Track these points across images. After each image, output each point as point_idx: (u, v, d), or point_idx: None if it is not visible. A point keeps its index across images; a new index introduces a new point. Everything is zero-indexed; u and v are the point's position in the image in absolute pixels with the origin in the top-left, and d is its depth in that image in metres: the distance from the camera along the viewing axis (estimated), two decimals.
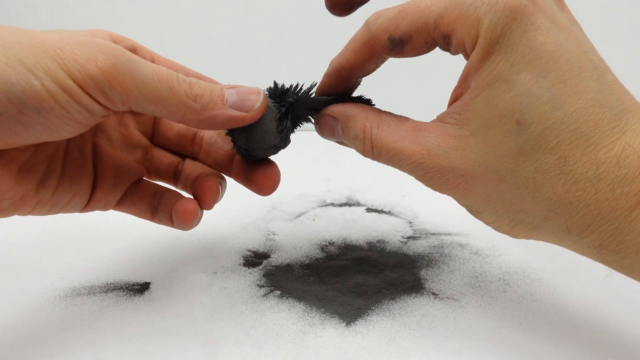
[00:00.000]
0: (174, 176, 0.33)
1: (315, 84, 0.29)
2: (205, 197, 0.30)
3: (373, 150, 0.26)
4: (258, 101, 0.26)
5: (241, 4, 0.81)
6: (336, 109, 0.27)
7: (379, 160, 0.26)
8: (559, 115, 0.21)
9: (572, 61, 0.21)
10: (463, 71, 0.24)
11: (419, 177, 0.25)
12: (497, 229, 0.25)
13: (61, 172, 0.27)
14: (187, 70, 0.31)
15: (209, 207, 0.30)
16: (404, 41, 0.24)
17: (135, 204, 0.31)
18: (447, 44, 0.24)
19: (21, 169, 0.24)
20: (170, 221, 0.30)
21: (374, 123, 0.26)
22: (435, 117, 0.25)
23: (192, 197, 0.31)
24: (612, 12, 0.78)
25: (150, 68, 0.22)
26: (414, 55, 0.25)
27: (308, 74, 0.31)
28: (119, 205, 0.31)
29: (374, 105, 0.28)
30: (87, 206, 0.29)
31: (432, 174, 0.24)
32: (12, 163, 0.24)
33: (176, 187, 0.33)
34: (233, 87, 0.26)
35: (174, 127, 0.33)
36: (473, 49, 0.22)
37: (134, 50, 0.30)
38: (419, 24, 0.23)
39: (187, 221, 0.29)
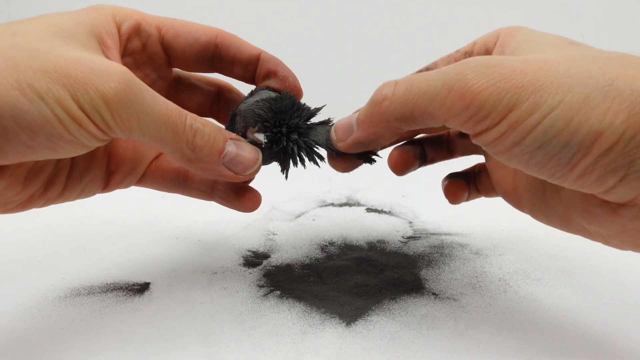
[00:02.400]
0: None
1: (318, 109, 0.29)
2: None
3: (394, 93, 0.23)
4: (251, 169, 0.26)
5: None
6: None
7: (394, 113, 0.23)
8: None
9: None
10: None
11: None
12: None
13: (70, 168, 0.27)
14: (198, 30, 0.30)
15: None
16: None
17: (157, 180, 0.31)
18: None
19: (29, 172, 0.24)
20: (203, 194, 0.31)
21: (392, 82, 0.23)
22: None
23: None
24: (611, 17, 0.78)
25: (158, 108, 0.22)
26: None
27: (306, 73, 0.31)
28: (140, 182, 0.31)
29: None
30: (106, 188, 0.29)
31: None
32: (19, 169, 0.24)
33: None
34: (237, 140, 0.25)
35: None
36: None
37: (138, 26, 0.28)
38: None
39: (253, 209, 0.31)
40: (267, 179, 0.37)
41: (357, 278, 0.34)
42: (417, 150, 0.32)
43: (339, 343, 0.27)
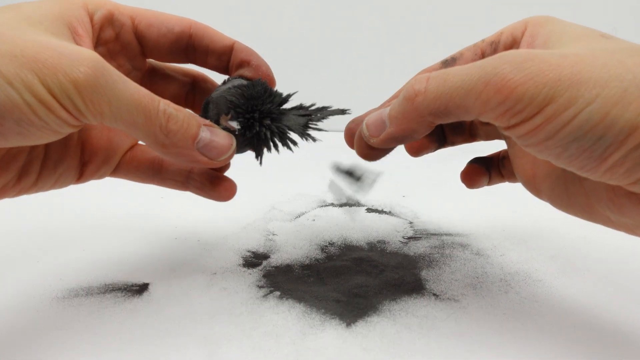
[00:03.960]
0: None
1: (290, 95, 0.29)
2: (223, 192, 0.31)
3: (427, 85, 0.22)
4: (225, 154, 0.25)
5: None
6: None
7: (426, 104, 0.23)
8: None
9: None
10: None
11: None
12: None
13: (44, 157, 0.27)
14: (171, 21, 0.30)
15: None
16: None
17: (131, 171, 0.31)
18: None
19: (1, 161, 0.24)
20: (178, 184, 0.31)
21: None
22: None
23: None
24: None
25: (130, 92, 0.22)
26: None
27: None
28: (115, 173, 0.31)
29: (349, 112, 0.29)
30: (80, 179, 0.29)
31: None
32: None
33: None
34: (210, 127, 0.25)
35: None
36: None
37: (111, 16, 0.28)
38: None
39: (228, 198, 0.31)
40: (268, 179, 0.37)
41: (357, 278, 0.34)
42: (434, 134, 0.32)
43: (339, 344, 0.27)
